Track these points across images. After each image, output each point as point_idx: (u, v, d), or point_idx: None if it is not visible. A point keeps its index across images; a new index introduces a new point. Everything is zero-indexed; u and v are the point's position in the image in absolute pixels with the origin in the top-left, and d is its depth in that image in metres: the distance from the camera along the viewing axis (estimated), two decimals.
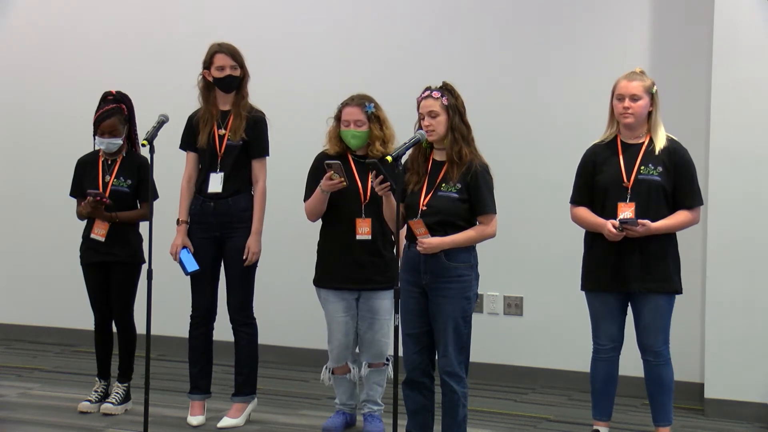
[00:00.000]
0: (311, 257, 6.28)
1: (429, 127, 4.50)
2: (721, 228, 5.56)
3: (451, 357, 4.48)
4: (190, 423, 5.25)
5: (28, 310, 7.37)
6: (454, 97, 4.54)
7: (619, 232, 4.58)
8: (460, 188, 4.46)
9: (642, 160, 4.67)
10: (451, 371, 4.49)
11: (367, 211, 4.98)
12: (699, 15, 5.80)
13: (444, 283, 4.45)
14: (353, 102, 5.04)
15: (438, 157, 4.57)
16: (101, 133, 5.36)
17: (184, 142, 5.30)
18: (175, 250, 5.20)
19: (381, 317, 5.05)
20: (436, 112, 4.49)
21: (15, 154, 7.41)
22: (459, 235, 4.45)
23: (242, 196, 5.22)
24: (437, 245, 4.41)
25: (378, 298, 5.03)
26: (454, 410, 4.53)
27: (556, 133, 6.13)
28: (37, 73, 7.31)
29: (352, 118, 4.99)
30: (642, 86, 4.65)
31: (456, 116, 4.51)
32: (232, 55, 5.16)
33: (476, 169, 4.47)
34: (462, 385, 4.51)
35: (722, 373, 5.58)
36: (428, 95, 4.53)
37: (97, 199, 5.27)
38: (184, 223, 5.23)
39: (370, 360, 5.12)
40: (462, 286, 4.46)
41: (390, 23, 6.55)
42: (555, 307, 6.13)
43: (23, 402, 5.72)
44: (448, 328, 4.46)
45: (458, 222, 4.47)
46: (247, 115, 5.20)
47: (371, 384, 5.16)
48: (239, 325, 5.28)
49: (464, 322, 4.49)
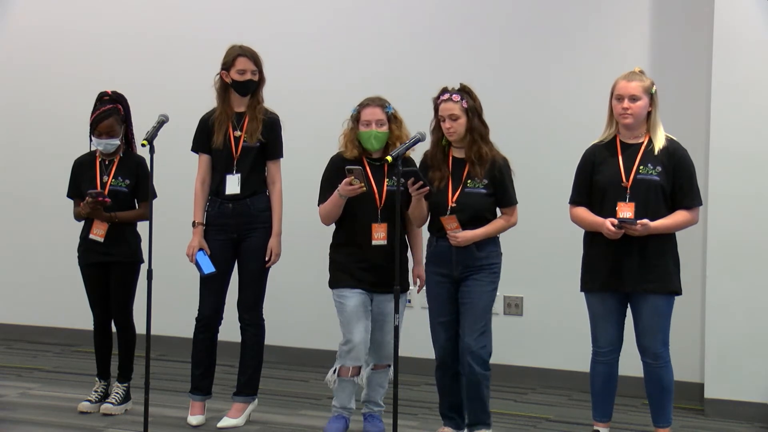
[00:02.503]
0: (311, 257, 6.29)
1: (450, 129, 4.75)
2: (721, 228, 5.56)
3: (476, 341, 4.77)
4: (189, 423, 5.25)
5: (28, 310, 7.38)
6: (472, 98, 4.78)
7: (618, 230, 4.58)
8: (487, 184, 4.78)
9: (641, 160, 4.67)
10: (475, 354, 4.77)
11: (383, 216, 4.92)
12: (699, 15, 5.80)
13: (476, 272, 4.78)
14: (373, 103, 4.96)
15: (457, 155, 4.84)
16: (99, 134, 5.36)
17: (196, 143, 5.29)
18: (191, 251, 5.17)
19: (390, 319, 4.93)
20: (456, 114, 4.74)
21: (15, 154, 7.41)
22: (488, 226, 4.79)
23: (260, 196, 5.23)
24: (471, 238, 4.74)
25: (390, 300, 4.87)
26: (478, 392, 4.82)
27: (555, 133, 6.13)
28: (37, 73, 7.31)
29: (374, 119, 4.91)
30: (641, 86, 4.65)
31: (475, 118, 4.76)
32: (254, 60, 5.17)
33: (500, 165, 4.80)
34: (485, 367, 4.80)
35: (722, 373, 5.58)
36: (448, 98, 4.75)
37: (98, 200, 5.27)
38: (200, 225, 5.21)
39: (375, 361, 5.08)
40: (492, 274, 4.83)
41: (390, 23, 6.55)
42: (555, 307, 6.14)
43: (23, 402, 5.72)
44: (475, 314, 4.77)
45: (486, 215, 4.81)
46: (264, 118, 5.20)
47: (374, 385, 5.12)
48: (247, 325, 5.28)
49: (490, 308, 4.84)
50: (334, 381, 5.02)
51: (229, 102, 5.22)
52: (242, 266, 5.26)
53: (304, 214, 6.61)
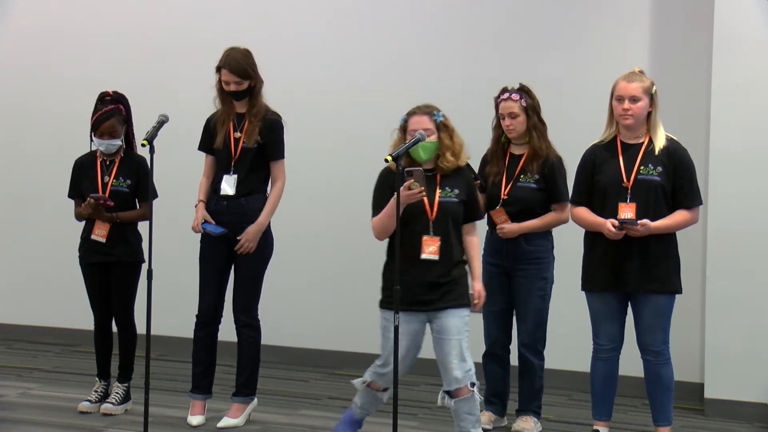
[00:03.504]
0: (311, 257, 6.31)
1: (509, 127, 5.03)
2: (721, 228, 5.56)
3: (530, 332, 5.07)
4: (189, 423, 5.24)
5: (28, 310, 7.37)
6: (531, 97, 5.05)
7: (619, 231, 4.58)
8: (538, 179, 5.02)
9: (642, 160, 4.67)
10: (529, 345, 5.07)
11: (435, 229, 4.54)
12: (699, 15, 5.81)
13: (524, 265, 5.01)
14: (420, 111, 4.61)
15: (515, 151, 5.11)
16: (100, 134, 5.35)
17: (202, 144, 5.32)
18: (197, 223, 5.17)
19: (451, 337, 4.51)
20: (516, 113, 5.02)
21: (15, 154, 7.41)
22: (535, 220, 5.01)
23: (256, 196, 5.22)
24: (516, 230, 4.97)
25: (446, 317, 4.52)
26: (531, 380, 5.11)
27: (555, 133, 6.11)
28: (37, 73, 7.31)
29: (421, 127, 4.54)
30: (641, 87, 4.65)
31: (534, 116, 5.04)
32: (235, 72, 5.11)
33: (552, 161, 5.03)
34: (539, 357, 5.12)
35: (722, 373, 5.58)
36: (507, 97, 5.04)
37: (100, 202, 5.27)
38: (202, 202, 5.23)
39: (447, 388, 4.56)
40: (540, 268, 5.04)
41: (390, 24, 6.55)
42: (555, 307, 6.13)
43: (23, 402, 5.72)
44: (528, 306, 5.04)
45: (536, 209, 5.03)
46: (263, 119, 5.19)
47: (462, 415, 4.55)
48: (242, 326, 5.28)
49: (542, 301, 5.08)
50: (362, 385, 4.80)
51: (230, 102, 5.23)
52: (237, 267, 5.26)
53: (305, 215, 6.64)
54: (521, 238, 5.01)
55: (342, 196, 6.55)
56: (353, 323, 6.53)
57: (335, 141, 6.59)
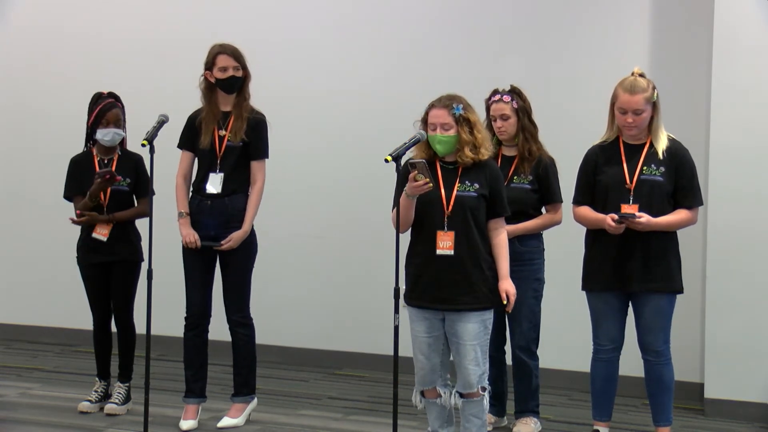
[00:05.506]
0: (312, 258, 6.31)
1: (501, 129, 5.03)
2: (721, 228, 5.56)
3: (525, 333, 5.07)
4: (180, 427, 5.19)
5: (28, 310, 7.37)
6: (522, 99, 5.05)
7: (619, 225, 4.57)
8: (532, 180, 5.02)
9: (644, 161, 4.67)
10: (524, 346, 5.08)
11: (450, 224, 4.41)
12: (699, 15, 5.81)
13: (517, 266, 4.79)
14: (440, 103, 4.47)
15: (507, 153, 5.10)
16: (107, 123, 5.33)
17: (182, 141, 5.29)
18: (192, 238, 5.13)
19: (466, 342, 4.41)
20: (507, 114, 5.02)
21: (14, 154, 7.41)
22: (531, 222, 5.02)
23: (240, 196, 5.21)
24: (512, 232, 4.79)
25: (461, 321, 4.40)
26: (528, 381, 5.11)
27: (555, 134, 6.10)
28: (37, 73, 7.31)
29: (439, 122, 4.42)
30: (644, 99, 4.61)
31: (525, 117, 5.04)
32: (234, 56, 5.15)
33: (545, 163, 5.04)
34: (533, 358, 5.11)
35: (722, 373, 5.58)
36: (499, 99, 5.02)
37: (106, 177, 5.24)
38: (187, 215, 5.20)
39: (459, 389, 4.51)
40: (533, 269, 5.05)
41: (390, 24, 6.55)
42: (555, 307, 6.13)
43: (23, 402, 5.72)
44: (522, 308, 4.93)
45: (529, 211, 5.03)
46: (248, 117, 5.19)
47: (467, 416, 4.52)
48: (236, 326, 5.27)
49: (536, 302, 5.09)
50: (419, 401, 4.63)
51: (215, 102, 5.21)
52: (224, 267, 5.26)
53: (305, 215, 6.64)
54: (515, 239, 4.87)
55: (342, 196, 6.55)
56: (353, 323, 6.53)
57: (335, 141, 6.59)
